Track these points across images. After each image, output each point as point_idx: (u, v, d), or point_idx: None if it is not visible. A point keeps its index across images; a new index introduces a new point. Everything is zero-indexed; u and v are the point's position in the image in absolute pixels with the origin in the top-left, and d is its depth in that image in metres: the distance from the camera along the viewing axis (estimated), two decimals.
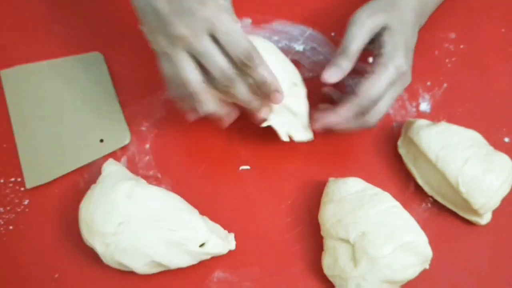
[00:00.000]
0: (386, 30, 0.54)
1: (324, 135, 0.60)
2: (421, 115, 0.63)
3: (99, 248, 0.51)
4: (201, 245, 0.52)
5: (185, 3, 0.47)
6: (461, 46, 0.67)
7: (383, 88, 0.52)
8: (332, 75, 0.52)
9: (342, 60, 0.53)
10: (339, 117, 0.53)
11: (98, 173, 0.56)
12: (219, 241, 0.53)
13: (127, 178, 0.54)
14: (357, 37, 0.53)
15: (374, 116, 0.54)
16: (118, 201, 0.51)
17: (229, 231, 0.57)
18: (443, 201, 0.57)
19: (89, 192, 0.54)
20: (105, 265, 0.52)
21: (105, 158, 0.60)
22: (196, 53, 0.48)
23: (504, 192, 0.54)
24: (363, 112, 0.53)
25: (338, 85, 0.56)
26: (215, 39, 0.47)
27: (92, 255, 0.53)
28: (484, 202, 0.53)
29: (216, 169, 0.61)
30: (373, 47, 0.55)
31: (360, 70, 0.65)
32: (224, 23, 0.47)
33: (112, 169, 0.56)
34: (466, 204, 0.54)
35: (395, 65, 0.52)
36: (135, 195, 0.52)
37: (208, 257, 0.53)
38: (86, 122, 0.63)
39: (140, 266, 0.51)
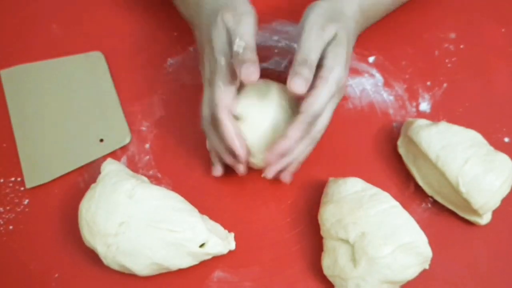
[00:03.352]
0: (332, 40, 0.53)
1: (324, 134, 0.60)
2: (421, 115, 0.63)
3: (101, 250, 0.51)
4: (201, 246, 0.52)
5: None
6: (461, 46, 0.67)
7: (325, 102, 0.52)
8: (301, 85, 0.50)
9: (305, 70, 0.51)
10: (290, 139, 0.52)
11: (98, 172, 0.56)
12: (219, 241, 0.53)
13: (127, 177, 0.54)
14: (315, 48, 0.52)
15: (319, 131, 0.54)
16: (119, 201, 0.51)
17: (229, 231, 0.57)
18: (443, 201, 0.57)
19: (89, 192, 0.54)
20: (105, 264, 0.52)
21: (105, 158, 0.60)
22: None
23: (504, 192, 0.54)
24: (309, 128, 0.53)
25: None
26: None
27: (92, 255, 0.53)
28: (484, 202, 0.53)
29: None
30: None
31: (361, 70, 0.66)
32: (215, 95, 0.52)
33: (112, 168, 0.56)
34: (466, 204, 0.54)
35: (335, 79, 0.52)
36: (136, 195, 0.52)
37: (209, 257, 0.53)
38: (86, 121, 0.63)
39: (142, 268, 0.51)
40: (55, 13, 0.71)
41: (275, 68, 0.67)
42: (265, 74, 0.65)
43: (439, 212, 0.58)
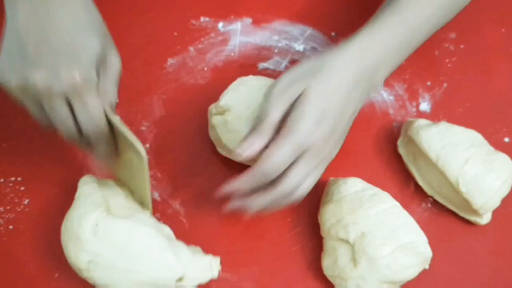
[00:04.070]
0: (300, 97, 0.49)
1: None
2: (421, 115, 0.63)
3: (82, 277, 0.50)
4: (179, 279, 0.50)
5: (56, 51, 0.44)
6: (461, 46, 0.67)
7: (283, 157, 0.47)
8: (245, 150, 0.49)
9: (256, 137, 0.49)
10: (240, 183, 0.49)
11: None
12: (196, 273, 0.50)
13: (95, 206, 0.51)
14: (273, 109, 0.49)
15: (285, 191, 0.49)
16: (84, 238, 0.49)
17: (229, 231, 0.57)
18: (443, 201, 0.57)
19: (68, 213, 0.52)
20: None
21: None
22: (47, 106, 0.46)
23: (504, 192, 0.54)
24: (273, 184, 0.49)
25: None
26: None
27: None
28: (484, 202, 0.53)
29: (216, 168, 0.61)
30: None
31: None
32: (88, 98, 0.46)
33: (83, 190, 0.53)
34: (466, 204, 0.54)
35: (296, 132, 0.47)
36: (100, 233, 0.49)
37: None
38: None
39: None
40: None
41: (275, 68, 0.67)
42: (265, 74, 0.65)
43: (439, 212, 0.58)
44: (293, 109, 0.49)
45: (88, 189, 0.53)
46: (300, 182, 0.49)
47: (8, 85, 0.45)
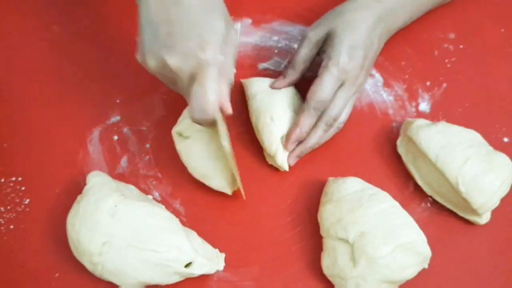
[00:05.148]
0: (328, 36, 0.58)
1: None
2: (420, 115, 0.63)
3: (88, 267, 0.51)
4: (187, 265, 0.51)
5: (185, 36, 0.47)
6: (461, 46, 0.67)
7: (328, 88, 0.56)
8: (278, 84, 0.61)
9: (289, 71, 0.60)
10: (301, 127, 0.57)
11: None
12: (204, 261, 0.52)
13: (110, 193, 0.52)
14: (301, 49, 0.59)
15: (333, 117, 0.58)
16: (101, 220, 0.50)
17: (229, 231, 0.57)
18: (442, 201, 0.57)
19: (74, 206, 0.53)
20: None
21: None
22: (178, 82, 0.50)
23: (503, 192, 0.54)
24: (320, 115, 0.58)
25: None
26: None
27: None
28: (483, 202, 0.53)
29: None
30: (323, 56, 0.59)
31: None
32: (206, 83, 0.47)
33: (96, 181, 0.55)
34: (466, 204, 0.54)
35: (335, 65, 0.56)
36: (118, 214, 0.51)
37: (196, 276, 0.52)
38: None
39: (130, 286, 0.51)
40: (55, 14, 0.71)
41: (275, 68, 0.67)
42: (265, 74, 0.66)
43: (439, 212, 0.58)
44: (326, 48, 0.58)
45: (101, 180, 0.55)
46: (342, 107, 0.57)
47: (149, 66, 0.50)
